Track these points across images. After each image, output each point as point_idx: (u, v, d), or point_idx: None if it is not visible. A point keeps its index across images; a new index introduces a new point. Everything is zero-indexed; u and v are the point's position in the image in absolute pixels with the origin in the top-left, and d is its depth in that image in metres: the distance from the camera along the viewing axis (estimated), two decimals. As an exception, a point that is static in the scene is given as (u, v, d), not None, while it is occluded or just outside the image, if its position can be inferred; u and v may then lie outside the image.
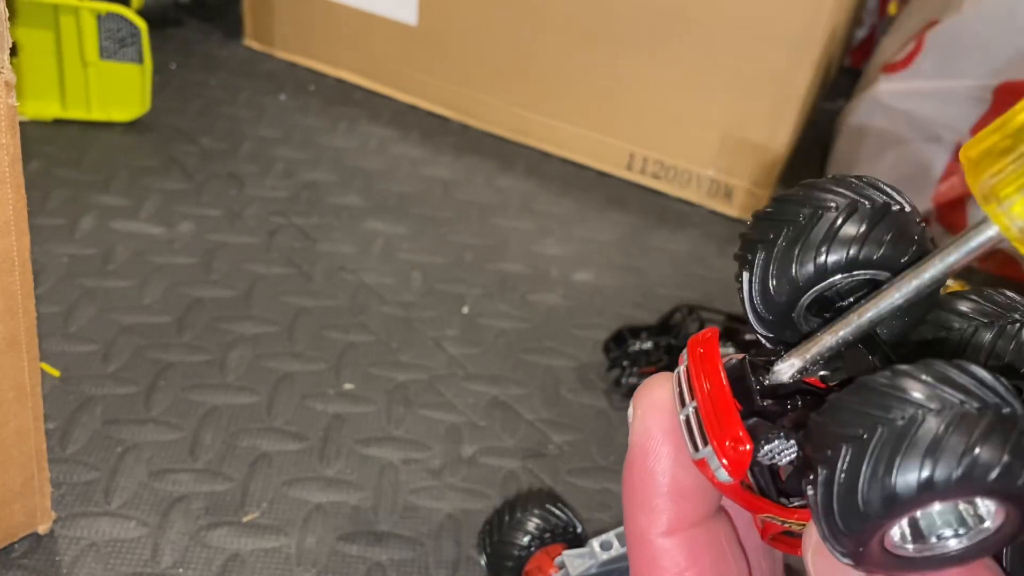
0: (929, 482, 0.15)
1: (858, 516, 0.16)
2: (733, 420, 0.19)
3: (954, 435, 0.15)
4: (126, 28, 0.84)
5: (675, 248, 0.87)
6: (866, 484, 0.16)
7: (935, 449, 0.15)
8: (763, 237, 0.19)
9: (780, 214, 0.19)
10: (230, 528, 0.55)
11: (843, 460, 0.16)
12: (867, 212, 0.18)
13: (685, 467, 0.20)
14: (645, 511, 0.21)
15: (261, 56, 1.07)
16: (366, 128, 0.97)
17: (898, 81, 0.84)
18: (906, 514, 0.16)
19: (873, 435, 0.16)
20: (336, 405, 0.64)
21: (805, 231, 0.18)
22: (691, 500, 0.20)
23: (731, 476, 0.19)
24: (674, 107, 0.89)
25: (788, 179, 1.00)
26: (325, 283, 0.75)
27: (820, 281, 0.19)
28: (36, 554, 0.52)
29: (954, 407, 0.15)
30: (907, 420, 0.15)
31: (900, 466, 0.15)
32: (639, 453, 0.20)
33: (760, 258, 0.19)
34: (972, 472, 0.15)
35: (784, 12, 0.80)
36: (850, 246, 0.18)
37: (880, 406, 0.16)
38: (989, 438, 0.15)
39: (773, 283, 0.19)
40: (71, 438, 0.58)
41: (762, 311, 0.19)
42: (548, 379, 0.69)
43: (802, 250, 0.18)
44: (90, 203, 0.79)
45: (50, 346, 0.64)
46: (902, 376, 0.16)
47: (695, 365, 0.20)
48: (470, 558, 0.56)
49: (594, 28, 0.89)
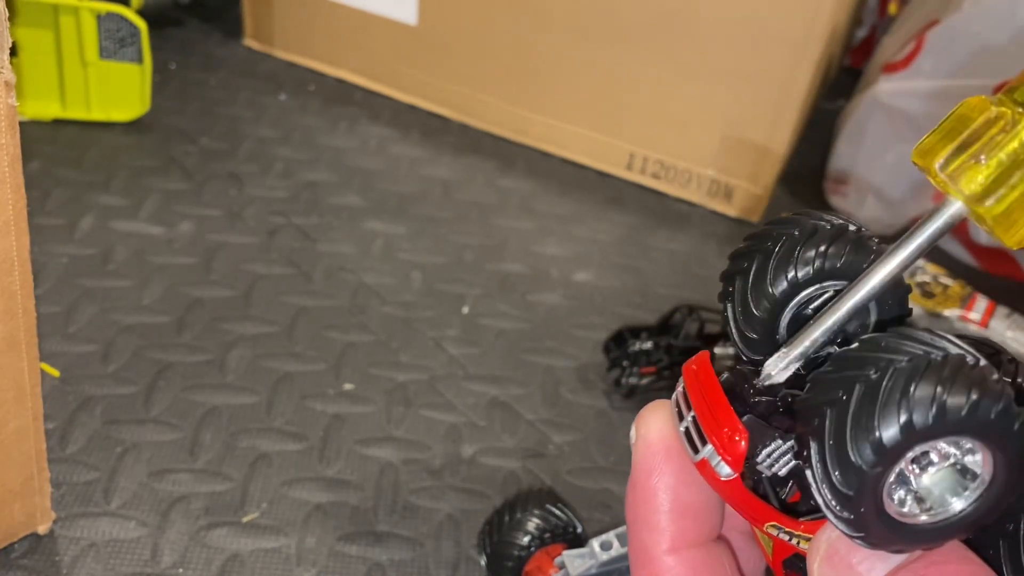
0: (909, 424, 0.16)
1: (854, 471, 0.17)
2: (727, 413, 0.20)
3: (924, 380, 0.17)
4: (126, 28, 0.84)
5: (675, 248, 0.87)
6: (853, 438, 0.17)
7: (909, 394, 0.16)
8: (739, 268, 0.21)
9: (752, 247, 0.21)
10: (230, 528, 0.55)
11: (830, 423, 0.17)
12: (826, 232, 0.20)
13: (687, 486, 0.21)
14: (648, 528, 0.21)
15: (261, 56, 1.07)
16: (366, 128, 0.97)
17: (898, 81, 0.84)
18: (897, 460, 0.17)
19: (851, 394, 0.17)
20: (336, 405, 0.64)
21: (774, 255, 0.21)
22: (693, 518, 0.21)
23: (732, 469, 0.19)
24: (674, 107, 0.89)
25: (788, 179, 1.00)
26: (325, 283, 0.75)
27: (795, 295, 0.20)
28: (36, 554, 0.52)
29: (920, 357, 0.17)
30: (880, 372, 0.17)
31: (881, 414, 0.17)
32: (642, 472, 0.21)
33: (738, 286, 0.21)
34: (945, 410, 0.16)
35: (784, 12, 0.80)
36: (815, 260, 0.20)
37: (854, 367, 0.17)
38: (956, 379, 0.16)
39: (754, 304, 0.21)
40: (71, 438, 0.58)
41: (747, 332, 0.21)
42: (548, 379, 0.69)
43: (774, 270, 0.20)
44: (90, 203, 0.79)
45: (50, 346, 0.64)
46: (870, 341, 0.18)
47: (690, 380, 0.21)
48: (470, 558, 0.56)
49: (594, 28, 0.89)
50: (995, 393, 0.17)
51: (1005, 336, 0.73)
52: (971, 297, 0.76)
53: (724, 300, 0.22)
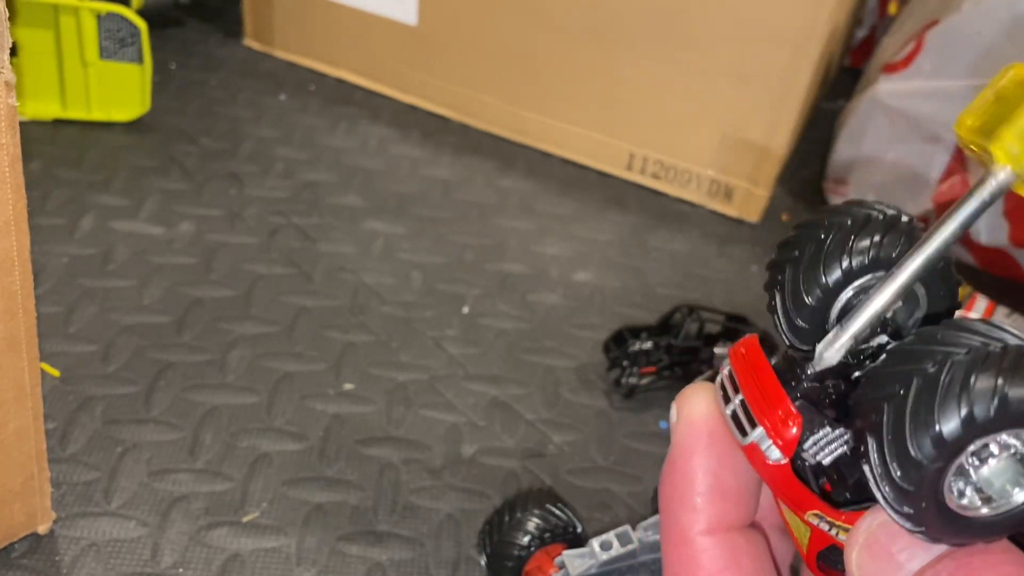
0: (970, 417, 0.16)
1: (913, 466, 0.17)
2: (781, 397, 0.20)
3: (984, 372, 0.16)
4: (126, 28, 0.84)
5: (675, 248, 0.87)
6: (913, 432, 0.17)
7: (969, 386, 0.16)
8: (789, 257, 0.21)
9: (801, 236, 0.21)
10: (230, 528, 0.55)
11: (888, 418, 0.17)
12: (879, 223, 0.20)
13: (728, 468, 0.21)
14: (686, 509, 0.21)
15: (261, 56, 1.07)
16: (366, 128, 0.98)
17: (898, 81, 0.84)
18: (958, 454, 0.17)
19: (910, 388, 0.17)
20: (336, 405, 0.64)
21: (828, 244, 0.20)
22: (733, 502, 0.21)
23: (782, 453, 0.19)
24: (674, 107, 0.89)
25: (788, 179, 1.00)
26: (325, 283, 0.75)
27: (847, 284, 0.20)
28: (36, 554, 0.52)
29: (979, 349, 0.17)
30: (938, 366, 0.17)
31: (940, 408, 0.16)
32: (682, 452, 0.21)
33: (789, 275, 0.21)
34: (1006, 402, 0.16)
35: (784, 12, 0.80)
36: (869, 249, 0.20)
37: (911, 362, 0.17)
38: (1017, 370, 0.16)
39: (805, 292, 0.20)
40: (71, 438, 0.58)
41: (799, 322, 0.21)
42: (548, 379, 0.69)
43: (827, 258, 0.20)
44: (90, 203, 0.79)
45: (50, 346, 0.64)
46: (926, 334, 0.17)
47: (739, 364, 0.21)
48: (470, 558, 0.56)
49: (594, 28, 0.89)
50: None
51: (1005, 336, 0.73)
52: (971, 297, 0.76)
53: (772, 288, 0.21)
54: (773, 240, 0.91)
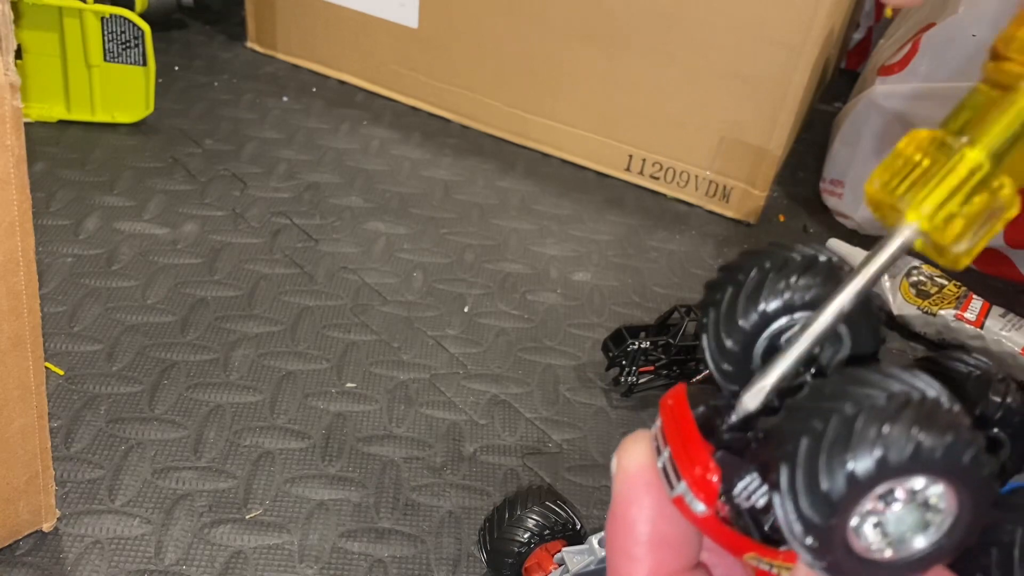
0: (883, 461, 0.17)
1: (822, 501, 0.17)
2: (700, 451, 0.20)
3: (902, 418, 0.17)
4: (130, 30, 0.85)
5: (673, 248, 0.88)
6: (826, 465, 0.17)
7: (887, 431, 0.17)
8: (712, 300, 0.21)
9: (724, 279, 0.21)
10: (233, 525, 0.55)
11: (802, 450, 0.17)
12: (796, 264, 0.21)
13: (665, 518, 0.21)
14: (626, 558, 0.21)
15: (264, 59, 1.08)
16: (368, 130, 0.98)
17: (894, 83, 0.84)
18: (866, 494, 0.17)
19: (828, 425, 0.17)
20: (338, 403, 0.65)
21: (746, 287, 0.21)
22: (670, 550, 0.21)
23: (706, 506, 0.20)
24: (672, 109, 0.90)
25: (785, 180, 1.00)
26: (327, 283, 0.75)
27: (765, 327, 0.21)
28: (40, 551, 0.52)
29: (901, 396, 0.17)
30: (859, 407, 0.17)
31: (857, 446, 0.17)
32: (621, 503, 0.22)
33: (711, 319, 0.21)
34: (920, 451, 0.17)
35: (781, 15, 0.81)
36: (784, 291, 0.20)
37: (832, 399, 0.17)
38: (934, 421, 0.17)
39: (726, 336, 0.21)
40: (75, 436, 0.59)
41: (722, 365, 0.21)
42: (548, 378, 0.70)
43: (744, 303, 0.20)
44: (94, 204, 0.80)
45: (55, 345, 0.65)
46: (848, 376, 0.18)
47: (666, 416, 0.21)
48: (471, 555, 0.56)
49: (593, 31, 0.89)
50: (969, 438, 0.17)
51: (1000, 336, 0.74)
52: (966, 297, 0.77)
53: (700, 331, 0.22)
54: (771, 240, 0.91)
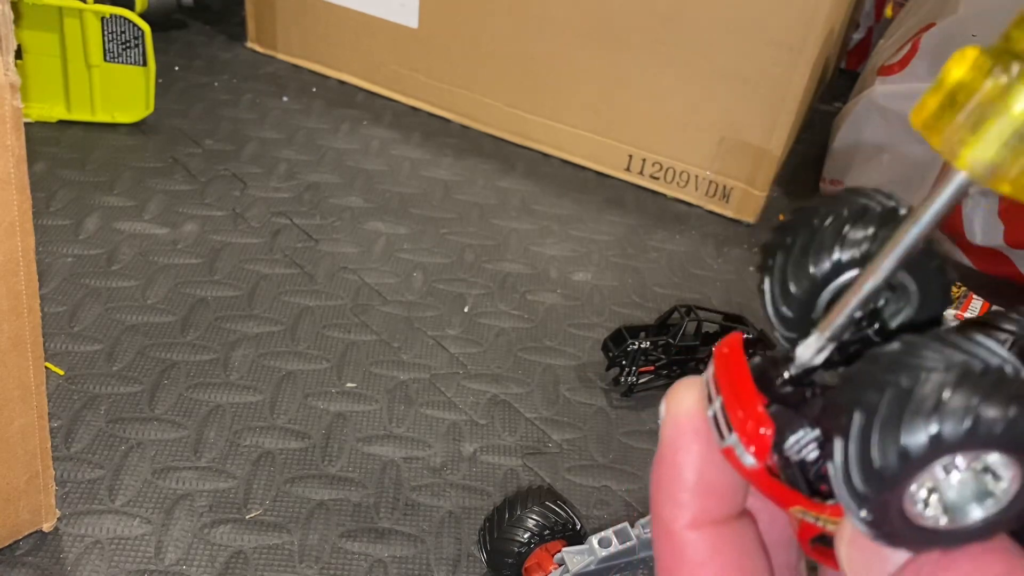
0: (938, 437, 0.16)
1: (875, 477, 0.17)
2: (753, 403, 0.20)
3: (960, 391, 0.16)
4: (130, 31, 0.85)
5: (673, 248, 0.88)
6: (879, 442, 0.16)
7: (941, 405, 0.16)
8: (781, 243, 0.20)
9: (796, 222, 0.20)
10: (233, 525, 0.55)
11: (855, 425, 0.17)
12: (875, 215, 0.20)
13: (713, 464, 0.21)
14: (672, 504, 0.21)
15: (264, 59, 1.08)
16: (368, 130, 0.98)
17: (894, 83, 0.84)
18: (922, 469, 0.17)
19: (882, 397, 0.16)
20: (338, 403, 0.65)
21: (819, 233, 0.20)
22: (717, 497, 0.21)
23: (756, 459, 0.19)
24: (672, 109, 0.90)
25: (785, 180, 1.00)
26: (327, 283, 0.75)
27: (836, 277, 0.20)
28: (41, 551, 0.52)
29: (958, 366, 0.16)
30: (914, 380, 0.16)
31: (909, 423, 0.16)
32: (669, 449, 0.21)
33: (779, 261, 0.20)
34: (978, 425, 0.16)
35: (781, 15, 0.81)
36: (860, 243, 0.19)
37: (887, 370, 0.17)
38: (994, 393, 0.16)
39: (792, 282, 0.20)
40: (76, 436, 0.59)
41: (784, 311, 0.20)
42: (548, 378, 0.70)
43: (817, 249, 0.20)
44: (94, 204, 0.80)
45: (55, 345, 0.65)
46: (907, 344, 0.17)
47: (720, 364, 0.21)
48: (471, 555, 0.56)
49: (593, 31, 0.89)
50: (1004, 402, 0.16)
51: (1000, 336, 0.74)
52: (966, 297, 0.77)
53: (762, 272, 0.21)
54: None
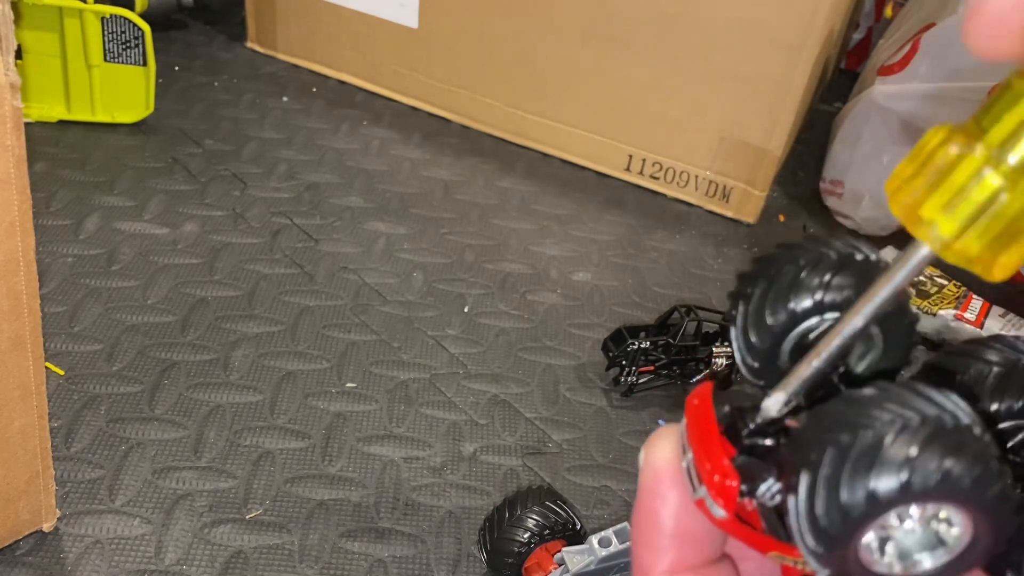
0: (873, 495, 0.16)
1: (823, 536, 0.17)
2: (719, 457, 0.20)
3: (934, 444, 0.16)
4: (130, 31, 0.85)
5: (673, 248, 0.88)
6: (822, 504, 0.17)
7: (916, 454, 0.16)
8: (743, 293, 0.21)
9: (757, 272, 0.21)
10: (233, 525, 0.56)
11: (802, 486, 0.17)
12: (831, 262, 0.20)
13: (690, 513, 0.21)
14: (650, 550, 0.22)
15: (264, 59, 1.08)
16: (368, 130, 0.98)
17: (894, 83, 0.84)
18: (865, 525, 0.17)
19: (855, 439, 0.17)
20: (338, 403, 0.65)
21: (776, 283, 0.20)
22: (694, 543, 0.22)
23: (724, 511, 0.20)
24: (672, 109, 0.90)
25: (784, 180, 1.00)
26: (327, 283, 0.75)
27: (794, 326, 0.20)
28: (41, 551, 0.52)
29: (934, 420, 0.17)
30: (890, 426, 0.17)
31: (882, 466, 0.16)
32: (647, 497, 0.22)
33: (740, 312, 0.21)
34: (949, 479, 0.16)
35: (781, 15, 0.81)
36: (815, 291, 0.20)
37: (863, 413, 0.17)
38: (966, 450, 0.16)
39: (753, 333, 0.20)
40: (76, 436, 0.59)
41: (749, 360, 0.21)
42: (548, 378, 0.70)
43: (774, 300, 0.20)
44: (95, 204, 0.80)
45: (55, 345, 0.65)
46: (883, 390, 0.17)
47: (690, 417, 0.21)
48: (471, 555, 0.56)
49: (593, 31, 0.89)
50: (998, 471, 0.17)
51: (1000, 336, 0.74)
52: (966, 297, 0.77)
53: (730, 323, 0.21)
54: (770, 240, 0.92)
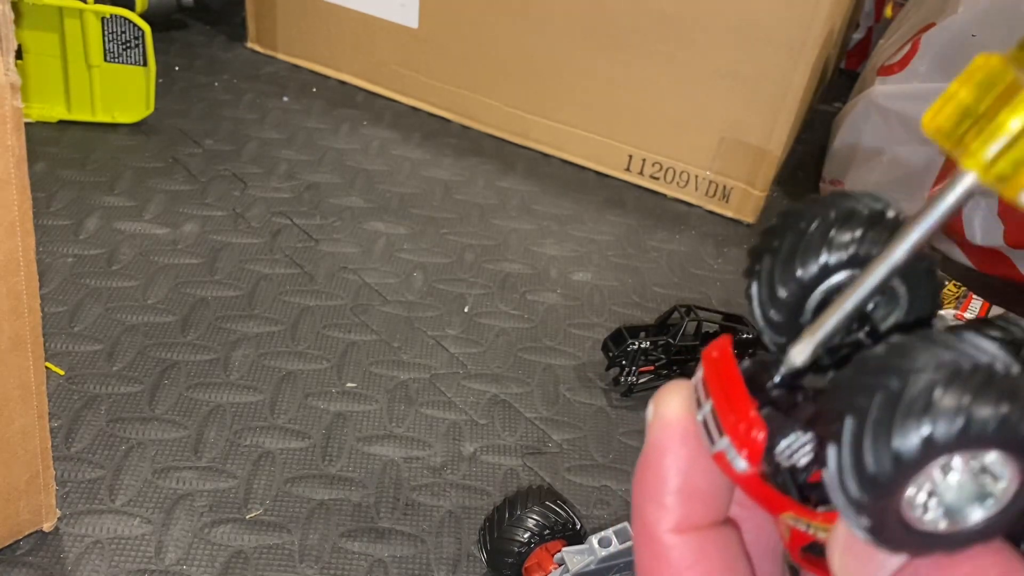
0: (930, 438, 0.16)
1: (870, 483, 0.16)
2: (746, 407, 0.19)
3: (950, 390, 0.16)
4: (130, 31, 0.85)
5: (673, 248, 0.88)
6: (871, 447, 0.16)
7: (932, 406, 0.16)
8: (768, 247, 0.20)
9: (783, 225, 0.20)
10: (233, 525, 0.56)
11: (847, 431, 0.17)
12: (863, 217, 0.20)
13: (699, 469, 0.21)
14: (655, 507, 0.21)
15: (264, 59, 1.08)
16: (368, 130, 0.98)
17: (894, 83, 0.84)
18: (917, 473, 0.16)
19: (872, 402, 0.16)
20: (338, 403, 0.65)
21: (806, 236, 0.20)
22: (701, 502, 0.21)
23: (748, 463, 0.19)
24: (672, 109, 0.90)
25: (784, 180, 1.00)
26: (327, 283, 0.76)
27: (823, 280, 0.19)
28: (41, 551, 0.52)
29: (948, 365, 0.16)
30: (903, 382, 0.16)
31: (900, 426, 0.16)
32: (655, 451, 0.21)
33: (766, 266, 0.20)
34: (970, 424, 0.16)
35: (781, 15, 0.81)
36: (848, 246, 0.19)
37: (876, 374, 0.17)
38: (984, 391, 0.16)
39: (780, 285, 0.20)
40: (76, 436, 0.59)
41: (772, 315, 0.20)
42: (548, 378, 0.70)
43: (804, 252, 0.19)
44: (95, 204, 0.80)
45: (55, 345, 0.65)
46: (895, 346, 0.17)
47: (709, 368, 0.20)
48: (471, 555, 0.56)
49: (593, 31, 0.89)
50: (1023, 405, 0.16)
51: (1000, 335, 0.74)
52: (966, 297, 0.77)
53: (749, 277, 0.20)
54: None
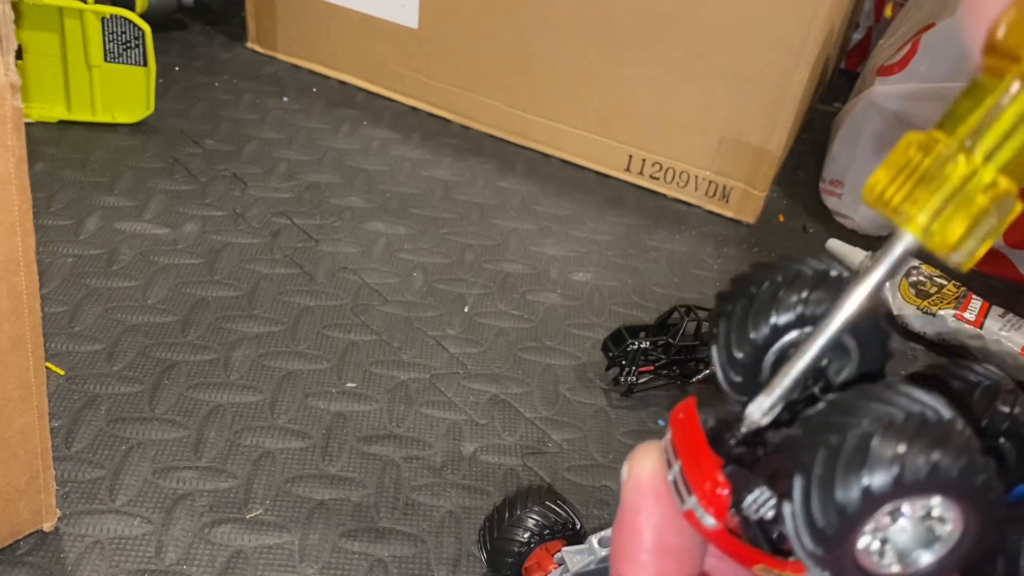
0: (868, 490, 0.17)
1: (822, 537, 0.18)
2: (710, 466, 0.20)
3: (885, 442, 0.17)
4: (130, 31, 0.85)
5: (673, 248, 0.88)
6: (818, 505, 0.17)
7: (867, 458, 0.17)
8: (724, 311, 0.22)
9: (735, 291, 0.22)
10: (234, 525, 0.56)
11: (797, 488, 0.18)
12: (808, 278, 0.21)
13: (672, 527, 0.22)
14: (631, 564, 0.22)
15: (264, 59, 1.08)
16: (368, 130, 0.98)
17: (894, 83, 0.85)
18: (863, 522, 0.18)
19: (845, 439, 0.18)
20: (338, 403, 0.65)
21: (756, 299, 0.21)
22: (676, 559, 0.22)
23: (715, 520, 0.20)
24: (672, 109, 0.90)
25: (784, 180, 1.00)
26: (327, 283, 0.76)
27: (775, 340, 0.21)
28: (41, 551, 0.52)
29: (919, 415, 0.18)
30: (841, 438, 0.18)
31: (842, 481, 0.17)
32: (630, 511, 0.22)
33: (723, 330, 0.22)
34: (906, 472, 0.17)
35: (781, 15, 0.81)
36: (796, 306, 0.21)
37: (817, 431, 0.18)
38: (951, 442, 0.17)
39: (736, 348, 0.21)
40: (76, 436, 0.59)
41: (733, 377, 0.21)
42: (548, 378, 0.70)
43: (756, 315, 0.21)
44: (95, 204, 0.80)
45: (55, 345, 0.65)
46: (833, 403, 0.19)
47: (677, 429, 0.22)
48: (471, 554, 0.56)
49: (593, 31, 0.89)
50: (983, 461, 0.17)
51: (999, 336, 0.74)
52: (966, 297, 0.77)
53: (711, 343, 0.22)
54: (770, 240, 0.92)
